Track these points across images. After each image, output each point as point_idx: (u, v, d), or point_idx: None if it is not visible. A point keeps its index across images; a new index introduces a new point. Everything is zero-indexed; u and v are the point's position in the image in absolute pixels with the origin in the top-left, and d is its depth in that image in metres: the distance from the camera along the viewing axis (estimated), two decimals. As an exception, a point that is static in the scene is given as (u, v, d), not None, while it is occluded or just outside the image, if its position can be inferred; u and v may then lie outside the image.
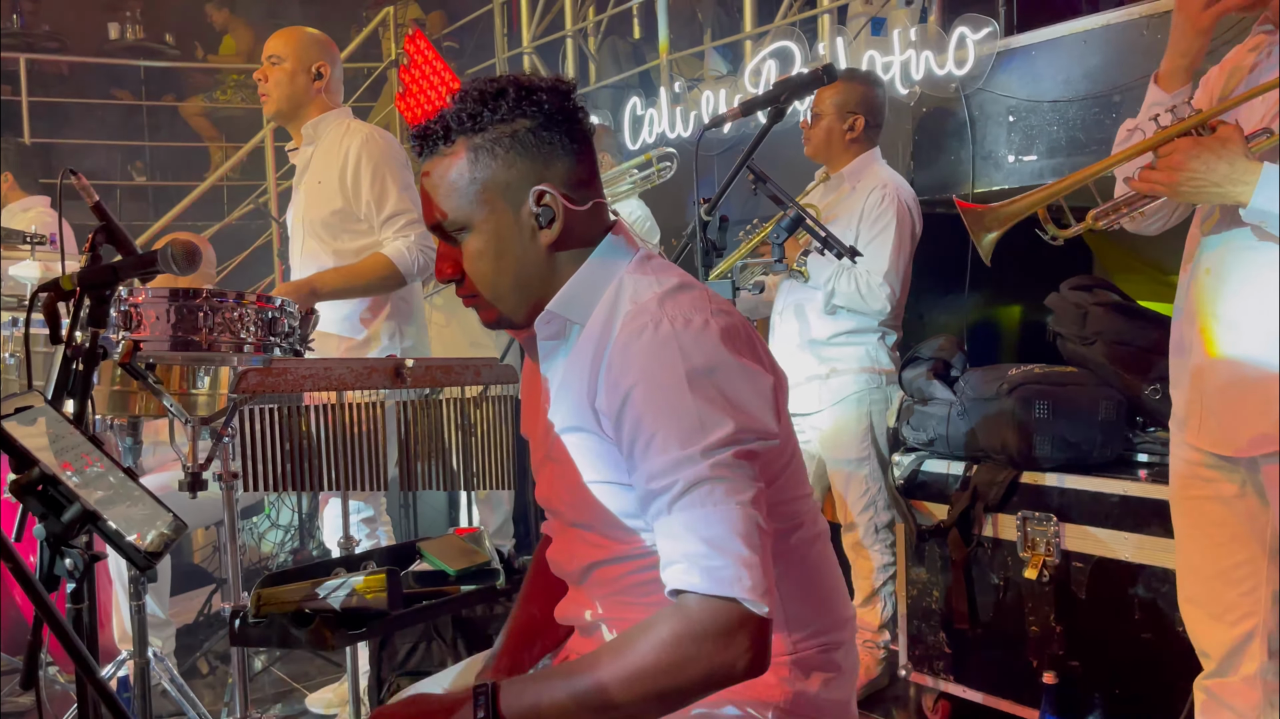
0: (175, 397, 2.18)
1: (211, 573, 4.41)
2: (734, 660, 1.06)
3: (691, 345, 1.12)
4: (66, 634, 1.12)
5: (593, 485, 1.21)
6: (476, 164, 1.19)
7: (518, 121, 1.19)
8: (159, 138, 7.52)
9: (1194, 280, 1.74)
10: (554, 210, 1.20)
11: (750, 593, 1.06)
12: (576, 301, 1.23)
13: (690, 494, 1.09)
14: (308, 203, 2.86)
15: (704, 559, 1.07)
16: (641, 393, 1.12)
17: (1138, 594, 2.32)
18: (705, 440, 1.09)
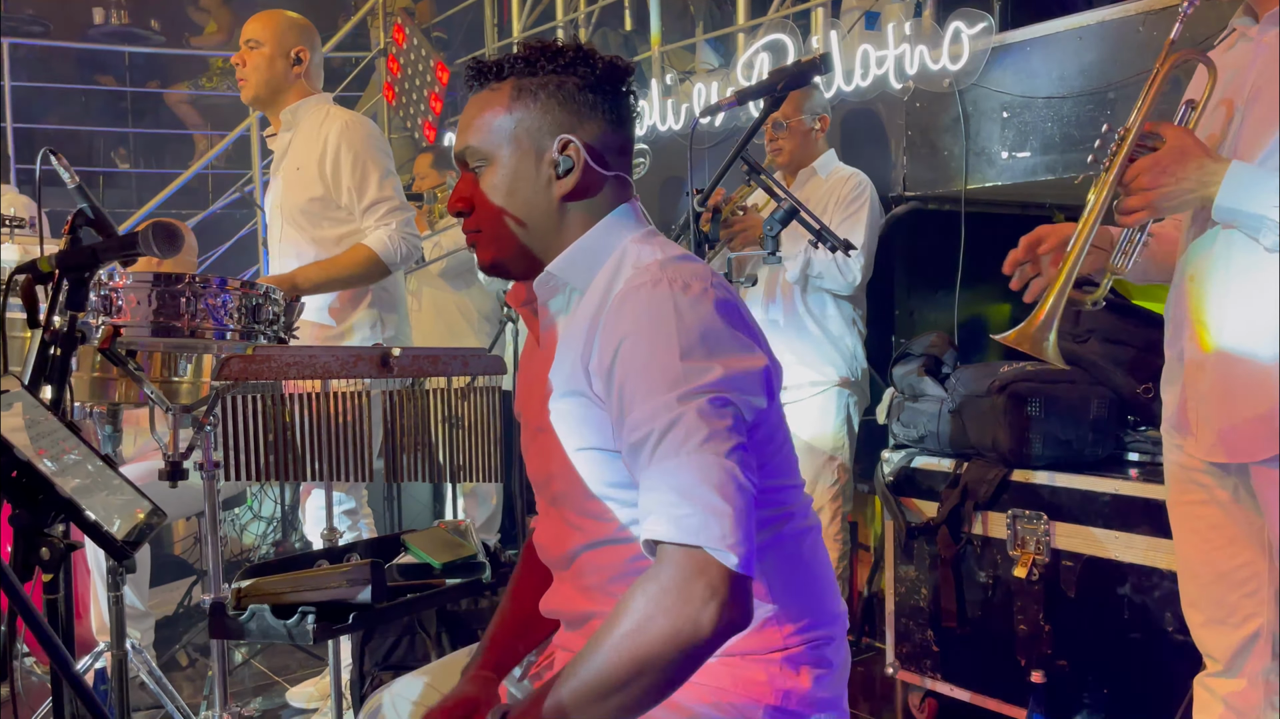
0: (156, 384, 2.14)
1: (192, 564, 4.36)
2: (696, 615, 1.00)
3: (687, 308, 1.12)
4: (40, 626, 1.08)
5: (582, 453, 1.20)
6: (516, 102, 1.22)
7: (568, 76, 1.22)
8: (143, 124, 7.44)
9: (1180, 288, 1.73)
10: (574, 162, 1.21)
11: (717, 541, 1.02)
12: (578, 266, 1.23)
13: (665, 443, 1.07)
14: (286, 189, 2.82)
15: (672, 507, 1.04)
16: (630, 344, 1.11)
17: (1127, 593, 2.31)
18: (686, 385, 1.08)
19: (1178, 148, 1.56)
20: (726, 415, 1.08)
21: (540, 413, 1.26)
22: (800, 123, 3.04)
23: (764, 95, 1.97)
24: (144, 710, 2.91)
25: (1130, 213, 1.61)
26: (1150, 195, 1.57)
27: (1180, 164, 1.54)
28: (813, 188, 3.05)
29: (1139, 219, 1.62)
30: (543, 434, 1.26)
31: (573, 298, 1.24)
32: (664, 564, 1.04)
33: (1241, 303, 1.61)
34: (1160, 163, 1.56)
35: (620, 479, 1.18)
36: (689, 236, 2.04)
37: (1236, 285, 1.61)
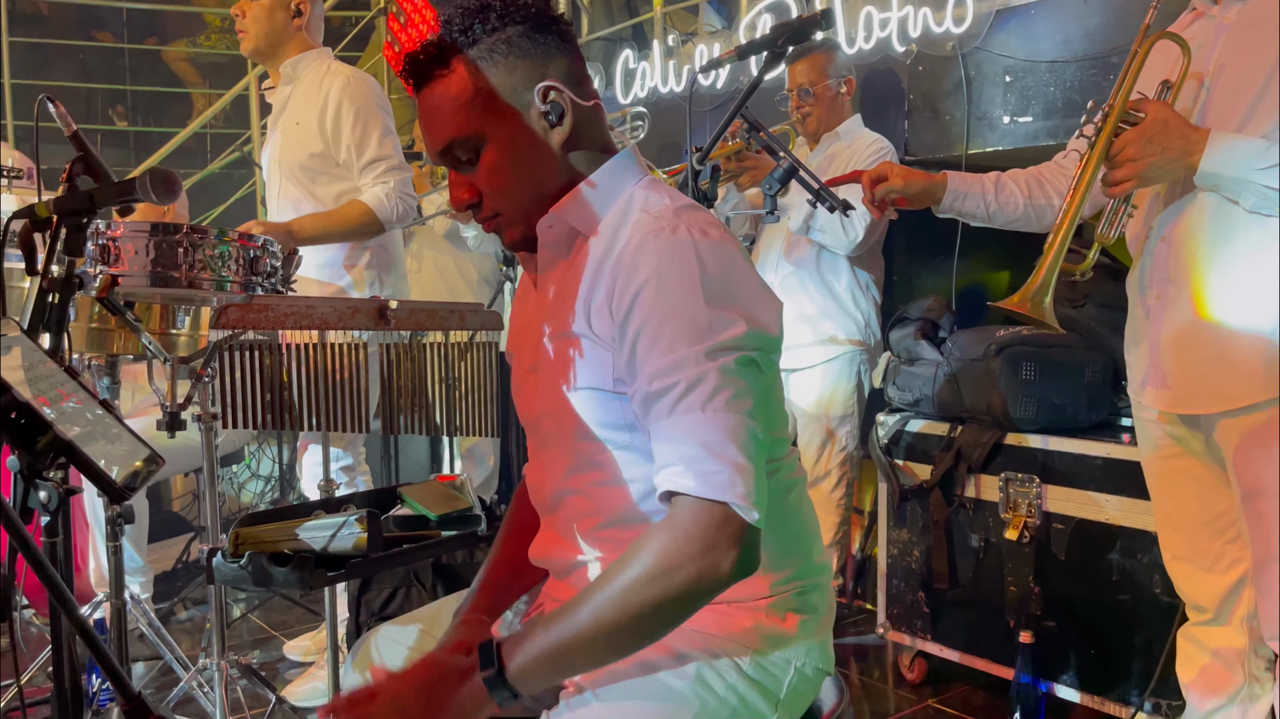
0: (155, 336, 2.15)
1: (189, 521, 4.39)
2: (719, 561, 1.06)
3: (708, 253, 1.12)
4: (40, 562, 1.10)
5: (577, 392, 1.20)
6: (478, 75, 1.17)
7: (509, 29, 1.18)
8: (141, 82, 7.38)
9: (1151, 250, 1.78)
10: (562, 105, 1.19)
11: (743, 499, 1.06)
12: (583, 210, 1.22)
13: (690, 397, 1.08)
14: (284, 144, 2.81)
15: (699, 462, 1.06)
16: (653, 289, 1.11)
17: (1116, 556, 2.33)
18: (713, 339, 1.09)
19: (1160, 120, 1.64)
20: (749, 373, 1.11)
21: (535, 352, 1.26)
22: (826, 88, 3.00)
23: (765, 50, 1.96)
24: (142, 661, 2.94)
25: (1117, 184, 1.68)
26: (1137, 165, 1.65)
27: (1164, 135, 1.62)
28: (836, 152, 3.03)
29: (1126, 189, 1.69)
30: (535, 374, 1.26)
31: (575, 240, 1.24)
32: (686, 514, 1.07)
33: (1215, 263, 1.68)
34: (1145, 133, 1.64)
35: (614, 420, 1.19)
36: (688, 194, 2.03)
37: (1211, 247, 1.68)
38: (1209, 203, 1.67)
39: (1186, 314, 1.71)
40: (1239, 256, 1.65)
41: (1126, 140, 1.66)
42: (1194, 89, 1.72)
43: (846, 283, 3.04)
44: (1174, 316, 1.73)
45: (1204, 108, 1.69)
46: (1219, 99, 1.67)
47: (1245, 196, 1.61)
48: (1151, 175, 1.66)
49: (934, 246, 3.33)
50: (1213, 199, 1.66)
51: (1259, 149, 1.58)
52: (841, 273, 3.03)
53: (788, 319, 3.01)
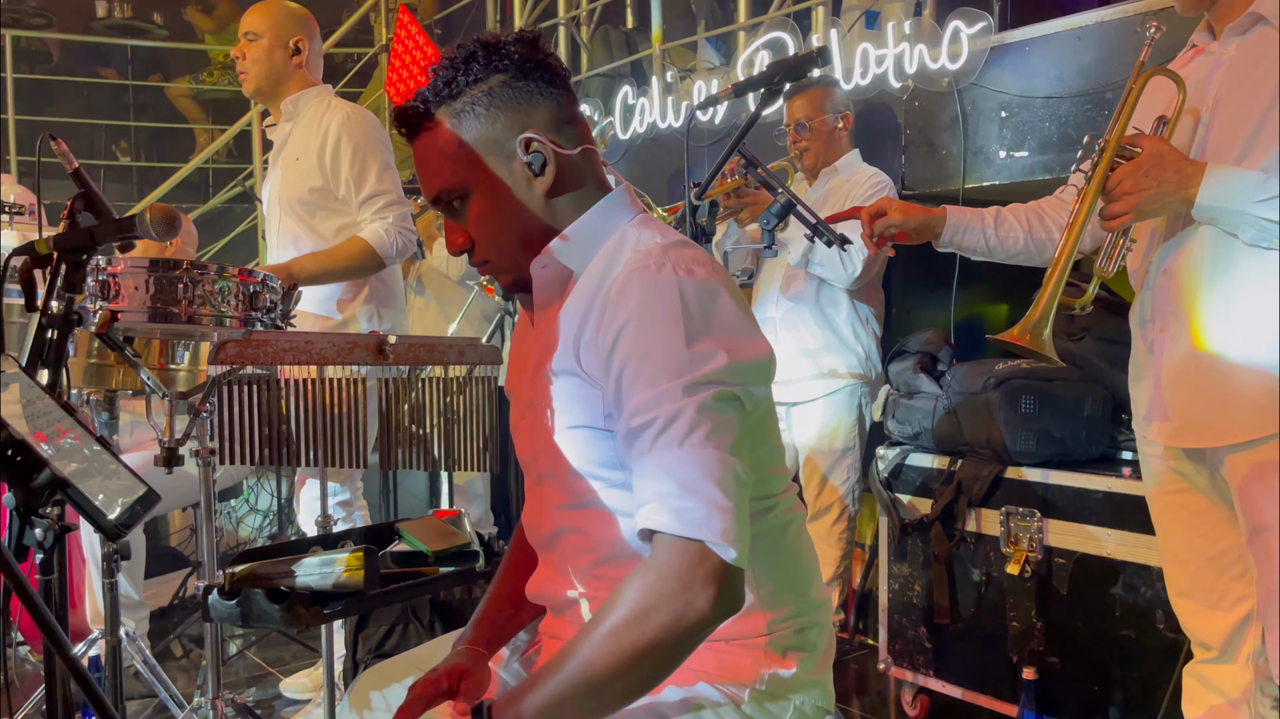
0: (154, 371, 2.15)
1: (187, 556, 4.37)
2: (695, 600, 1.04)
3: (692, 292, 1.12)
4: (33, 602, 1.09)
5: (570, 431, 1.20)
6: (460, 128, 1.20)
7: (491, 79, 1.20)
8: (144, 118, 7.44)
9: (1152, 284, 1.79)
10: (544, 155, 1.20)
11: (719, 536, 1.05)
12: (576, 248, 1.23)
13: (668, 433, 1.08)
14: (285, 180, 2.83)
15: (675, 499, 1.06)
16: (635, 327, 1.11)
17: (1119, 591, 2.32)
18: (692, 374, 1.09)
19: (1156, 154, 1.65)
20: (729, 408, 1.10)
21: (530, 389, 1.26)
22: (824, 123, 3.02)
23: (762, 87, 1.97)
24: (137, 699, 2.91)
25: (1115, 217, 1.69)
26: (1134, 199, 1.65)
27: (1160, 168, 1.63)
28: (834, 187, 3.04)
29: (1123, 223, 1.69)
30: (531, 411, 1.26)
31: (569, 279, 1.25)
32: (663, 553, 1.06)
33: (1217, 296, 1.68)
34: (1141, 167, 1.65)
35: (607, 459, 1.18)
36: (685, 230, 2.04)
37: (1211, 279, 1.68)
38: (1210, 236, 1.67)
39: (1189, 347, 1.71)
40: (1240, 289, 1.65)
41: (1123, 174, 1.67)
42: (1192, 124, 1.73)
43: (846, 316, 3.04)
44: (1176, 350, 1.73)
45: (1203, 142, 1.70)
46: (1217, 133, 1.68)
47: (1244, 229, 1.62)
48: (1148, 209, 1.67)
49: (932, 280, 3.35)
50: (1213, 232, 1.67)
51: (1256, 181, 1.58)
52: (841, 306, 3.03)
53: (788, 353, 3.03)
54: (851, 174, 3.05)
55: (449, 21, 6.33)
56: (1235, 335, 1.66)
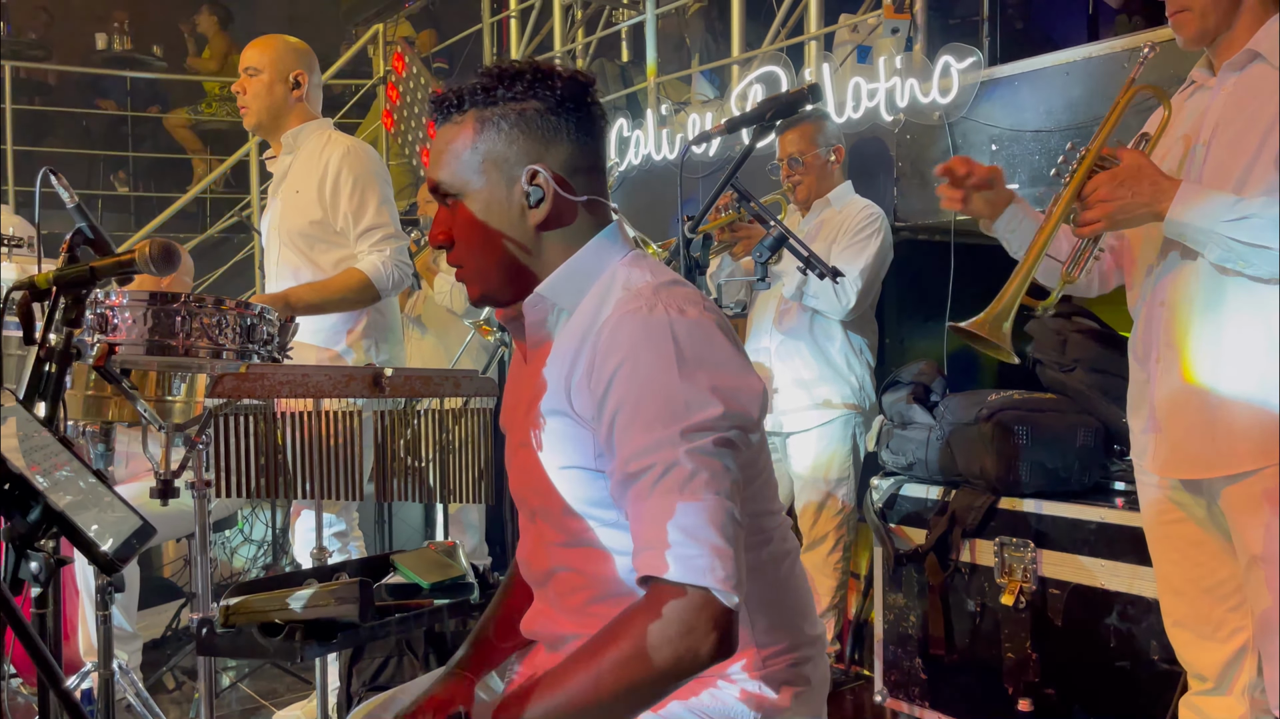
0: (150, 403, 2.15)
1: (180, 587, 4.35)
2: (697, 645, 1.06)
3: (685, 333, 1.13)
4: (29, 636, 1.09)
5: (562, 470, 1.21)
6: (481, 135, 1.22)
7: (528, 102, 1.22)
8: (143, 148, 7.49)
9: (1149, 314, 1.80)
10: (543, 191, 1.21)
11: (722, 583, 1.06)
12: (566, 287, 1.24)
13: (667, 480, 1.09)
14: (284, 212, 2.85)
15: (677, 547, 1.07)
16: (628, 371, 1.12)
17: (1114, 622, 2.32)
18: (689, 420, 1.09)
19: (1134, 166, 1.69)
20: (726, 452, 1.11)
21: (523, 428, 1.27)
22: (816, 156, 3.05)
23: (755, 123, 2.00)
24: (130, 732, 2.89)
25: (1087, 224, 1.73)
26: (1107, 208, 1.69)
27: (1136, 180, 1.67)
28: (826, 218, 3.07)
29: (1095, 230, 1.74)
30: (524, 449, 1.27)
31: (560, 317, 1.26)
32: (665, 598, 1.07)
33: (1211, 327, 1.69)
34: (1117, 177, 1.69)
35: (599, 498, 1.19)
36: (679, 263, 2.06)
37: (1207, 312, 1.69)
38: (1206, 269, 1.69)
39: (1184, 379, 1.72)
40: (1235, 322, 1.67)
41: (1099, 182, 1.70)
42: (1183, 149, 1.76)
43: (840, 347, 3.06)
44: (1171, 381, 1.75)
45: (1200, 171, 1.72)
46: (1214, 161, 1.70)
47: (1210, 249, 1.65)
48: (1120, 218, 1.70)
49: (925, 310, 3.37)
50: (1209, 265, 1.68)
51: (1227, 202, 1.62)
52: (835, 337, 3.05)
53: (783, 384, 3.04)
54: (844, 205, 3.08)
55: (447, 54, 6.40)
56: (1230, 367, 1.68)
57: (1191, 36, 1.76)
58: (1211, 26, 1.73)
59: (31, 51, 7.25)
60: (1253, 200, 1.61)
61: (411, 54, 5.77)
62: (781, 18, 3.92)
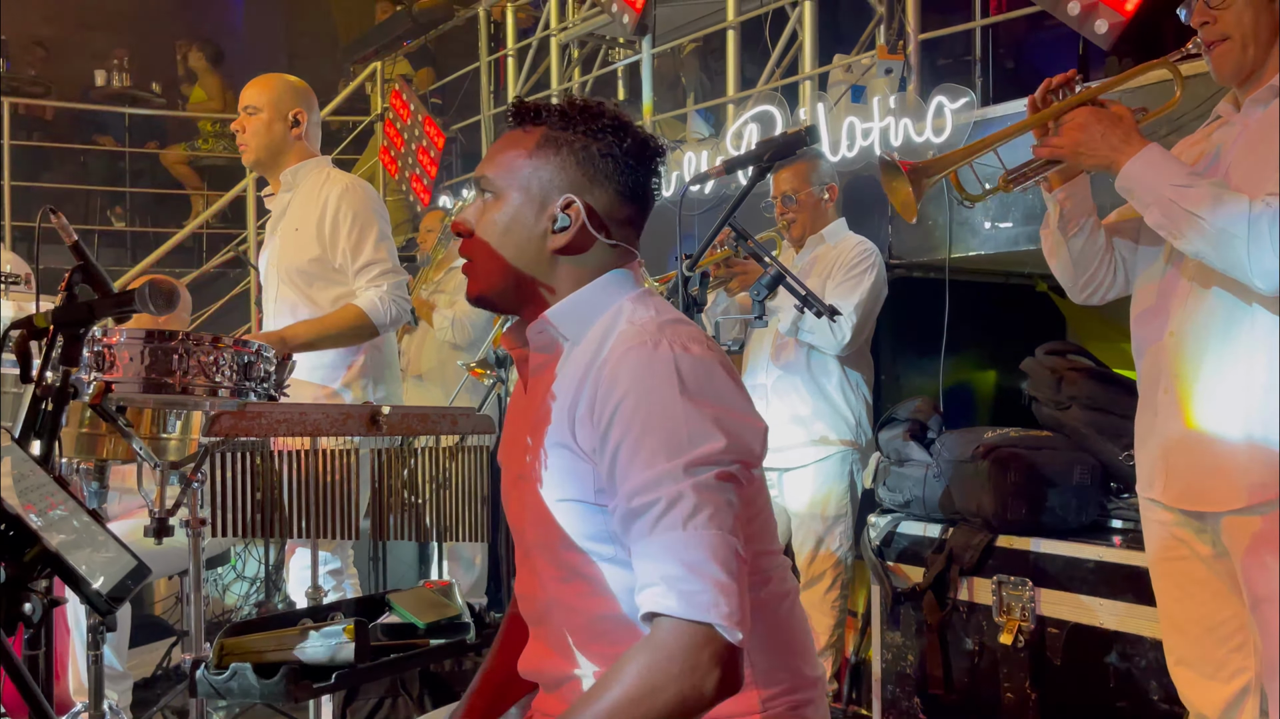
0: (145, 440, 2.15)
1: (172, 625, 4.30)
2: (702, 682, 1.05)
3: (689, 369, 1.14)
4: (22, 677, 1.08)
5: (561, 504, 1.20)
6: (539, 150, 1.25)
7: (594, 140, 1.24)
8: (140, 184, 7.51)
9: (1159, 343, 1.79)
10: (571, 221, 1.23)
11: (726, 619, 1.06)
12: (573, 318, 1.25)
13: (670, 515, 1.08)
14: (283, 249, 2.85)
15: (681, 583, 1.06)
16: (632, 404, 1.12)
17: (1113, 661, 2.31)
18: (692, 453, 1.10)
19: (1117, 115, 1.71)
20: (729, 488, 1.11)
21: (521, 460, 1.27)
22: (809, 194, 3.06)
23: (751, 164, 2.02)
24: (118, 774, 2.84)
25: (1048, 146, 1.75)
26: (1076, 135, 1.71)
27: (1114, 125, 1.69)
28: (820, 254, 3.08)
29: (1054, 152, 1.75)
30: (522, 482, 1.27)
31: (564, 348, 1.26)
32: (668, 634, 1.07)
33: (1220, 360, 1.68)
34: (1099, 116, 1.71)
35: (598, 532, 1.19)
36: (678, 300, 2.07)
37: (1218, 343, 1.68)
38: (1220, 300, 1.69)
39: (1193, 410, 1.71)
40: (1245, 354, 1.66)
41: (1081, 113, 1.72)
42: None
43: (837, 382, 3.06)
44: (1180, 412, 1.73)
45: None
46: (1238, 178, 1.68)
47: (1151, 209, 1.66)
48: (1082, 152, 1.71)
49: (920, 346, 3.38)
50: (1225, 297, 1.68)
51: (1181, 171, 1.64)
52: (832, 373, 3.05)
53: (779, 420, 3.03)
54: (838, 242, 3.09)
55: (444, 92, 6.46)
56: (1238, 400, 1.66)
57: (1230, 69, 1.74)
58: (1250, 60, 1.71)
59: (30, 88, 7.29)
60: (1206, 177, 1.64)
61: (409, 91, 5.83)
62: (776, 57, 3.97)
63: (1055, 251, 1.94)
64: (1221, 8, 1.70)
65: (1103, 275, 1.92)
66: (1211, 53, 1.74)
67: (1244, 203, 1.58)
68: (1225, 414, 1.69)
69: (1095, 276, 1.93)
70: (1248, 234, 1.57)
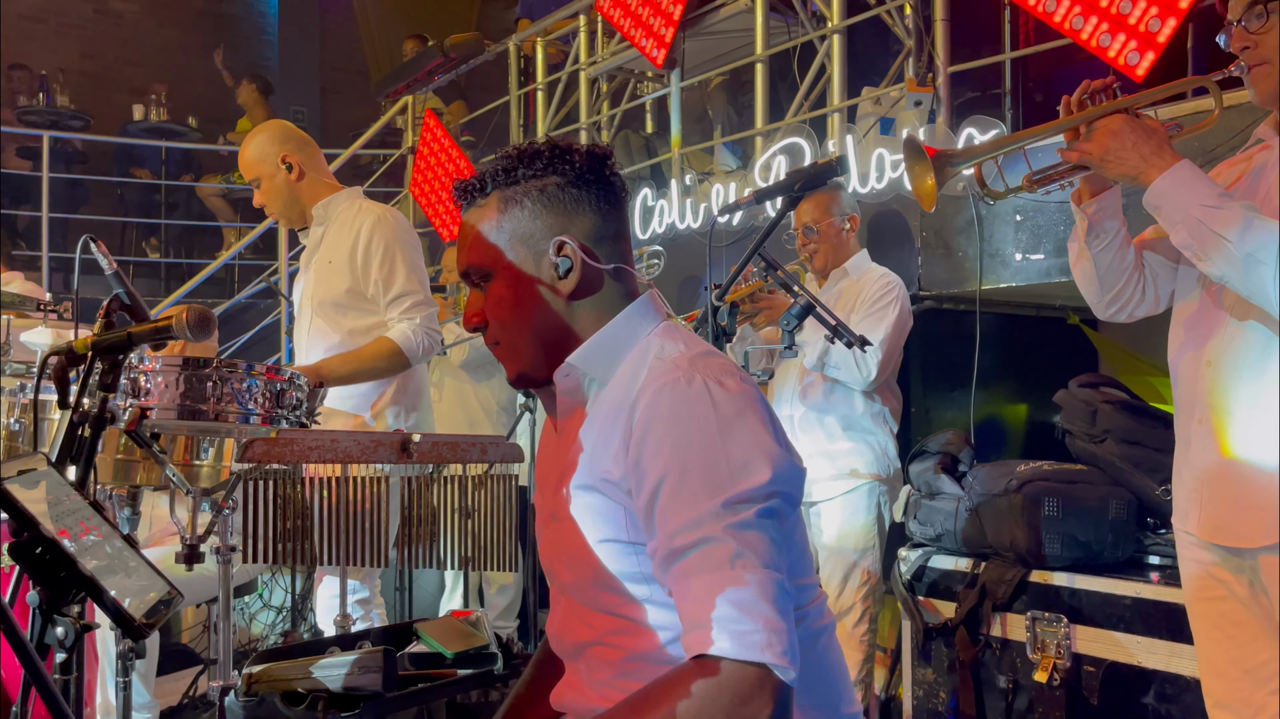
0: (179, 468, 2.16)
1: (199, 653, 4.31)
2: (755, 715, 1.04)
3: (725, 401, 1.13)
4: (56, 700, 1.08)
5: (596, 545, 1.20)
6: (505, 214, 1.24)
7: (549, 178, 1.24)
8: (175, 216, 7.64)
9: (1196, 374, 1.76)
10: (571, 261, 1.23)
11: (780, 658, 1.04)
12: (599, 358, 1.25)
13: (713, 555, 1.07)
14: (317, 282, 2.88)
15: (732, 623, 1.05)
16: (671, 443, 1.12)
17: (1151, 701, 2.26)
18: (733, 490, 1.08)
19: (1153, 128, 1.67)
20: (771, 524, 1.10)
21: (553, 500, 1.26)
22: (831, 225, 3.05)
23: (781, 195, 2.02)
24: (144, 803, 2.84)
25: (1077, 150, 1.71)
26: (1106, 143, 1.67)
27: (1148, 137, 1.65)
28: (844, 288, 3.07)
29: (1081, 157, 1.71)
30: (555, 522, 1.26)
31: (593, 389, 1.26)
32: (722, 673, 1.05)
33: (1258, 392, 1.65)
34: (1134, 125, 1.66)
35: (633, 572, 1.18)
36: (706, 330, 2.07)
37: (1254, 374, 1.65)
38: (1257, 332, 1.66)
39: (1229, 441, 1.68)
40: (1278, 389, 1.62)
41: (1116, 119, 1.67)
42: None
43: (865, 415, 3.03)
44: (1216, 444, 1.70)
45: None
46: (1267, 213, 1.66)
47: (1178, 230, 1.62)
48: (1110, 160, 1.67)
49: (951, 379, 3.36)
50: (1261, 329, 1.65)
51: (1211, 191, 1.60)
52: (858, 405, 3.03)
53: (807, 454, 3.01)
54: (861, 274, 3.07)
55: (474, 125, 6.53)
56: (1275, 433, 1.63)
57: (1269, 92, 1.72)
58: None
59: (70, 122, 7.45)
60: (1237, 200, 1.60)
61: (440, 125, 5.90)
62: (805, 90, 3.98)
63: (1080, 265, 1.92)
64: (1262, 32, 1.69)
65: (1130, 293, 1.90)
66: (1251, 75, 1.72)
67: (1274, 228, 1.56)
68: (1261, 447, 1.65)
69: (1122, 294, 1.90)
70: (1276, 261, 1.54)
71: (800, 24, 4.12)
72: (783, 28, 4.22)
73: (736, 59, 4.47)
